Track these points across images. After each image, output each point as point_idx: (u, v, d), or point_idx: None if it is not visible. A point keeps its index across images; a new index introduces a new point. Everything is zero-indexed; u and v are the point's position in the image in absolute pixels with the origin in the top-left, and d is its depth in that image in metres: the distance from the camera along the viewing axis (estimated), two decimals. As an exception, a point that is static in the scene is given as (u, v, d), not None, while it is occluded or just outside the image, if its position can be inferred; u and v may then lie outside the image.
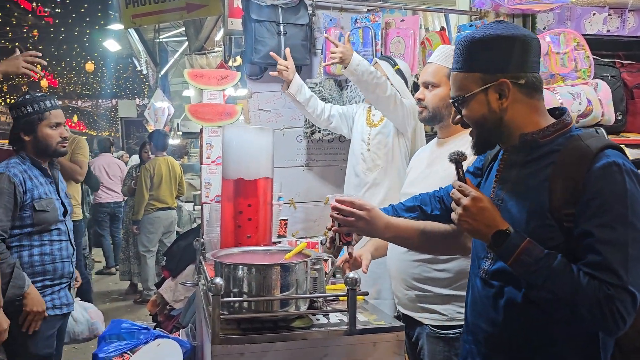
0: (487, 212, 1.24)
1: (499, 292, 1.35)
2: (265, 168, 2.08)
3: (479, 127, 1.36)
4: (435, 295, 1.85)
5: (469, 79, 1.34)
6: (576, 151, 1.25)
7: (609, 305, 1.14)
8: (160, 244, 5.97)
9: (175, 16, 5.31)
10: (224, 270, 1.66)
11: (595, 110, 2.80)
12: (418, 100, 2.00)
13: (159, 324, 3.45)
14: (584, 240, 1.19)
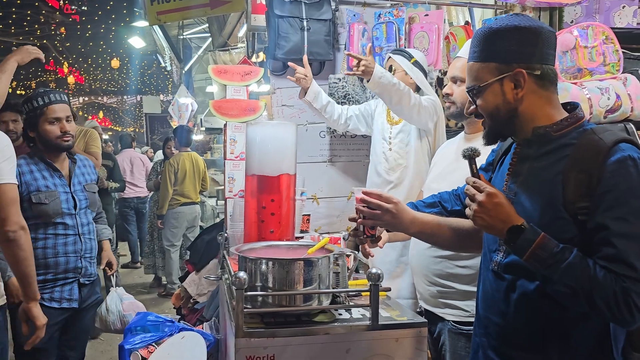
0: (502, 207, 1.25)
1: (511, 285, 1.35)
2: (288, 164, 2.09)
3: (493, 117, 1.37)
4: (457, 292, 1.84)
5: (484, 69, 1.34)
6: (590, 145, 1.25)
7: (625, 297, 1.14)
8: (184, 239, 6.04)
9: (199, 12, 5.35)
10: (247, 264, 1.68)
11: (624, 105, 2.74)
12: (446, 96, 1.98)
13: (183, 317, 3.49)
14: (598, 233, 1.19)
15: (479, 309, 1.50)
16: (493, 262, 1.40)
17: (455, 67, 1.98)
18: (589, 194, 1.20)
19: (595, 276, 1.16)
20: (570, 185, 1.23)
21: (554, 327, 1.29)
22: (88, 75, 19.02)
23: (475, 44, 1.36)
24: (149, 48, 12.48)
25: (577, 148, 1.26)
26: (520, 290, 1.33)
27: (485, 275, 1.45)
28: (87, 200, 2.65)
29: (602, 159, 1.20)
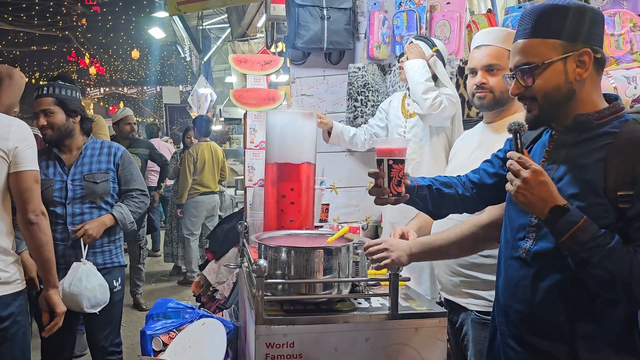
0: (546, 186, 1.22)
1: (540, 272, 1.33)
2: (308, 153, 2.09)
3: (550, 98, 1.31)
4: (481, 281, 1.83)
5: (548, 45, 1.29)
6: (635, 134, 1.24)
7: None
8: (203, 228, 6.09)
9: (218, 3, 5.38)
10: (267, 252, 1.69)
11: (651, 94, 2.68)
12: (480, 85, 1.91)
13: (203, 304, 3.53)
14: (639, 222, 1.19)
15: (499, 297, 1.48)
16: (521, 249, 1.38)
17: (489, 55, 1.89)
18: (632, 182, 1.20)
19: (636, 264, 1.16)
20: (613, 173, 1.22)
21: (582, 316, 1.28)
22: (109, 66, 19.22)
23: (533, 19, 1.30)
24: (169, 39, 12.55)
25: (620, 137, 1.25)
26: (549, 278, 1.31)
27: (509, 263, 1.43)
28: (82, 190, 2.61)
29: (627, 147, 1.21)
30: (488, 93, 1.89)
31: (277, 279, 1.66)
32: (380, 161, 1.49)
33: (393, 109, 2.75)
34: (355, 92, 2.93)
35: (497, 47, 1.89)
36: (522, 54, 1.32)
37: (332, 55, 3.07)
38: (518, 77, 1.33)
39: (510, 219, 1.46)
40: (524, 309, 1.38)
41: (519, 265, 1.39)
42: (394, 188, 1.48)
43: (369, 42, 2.92)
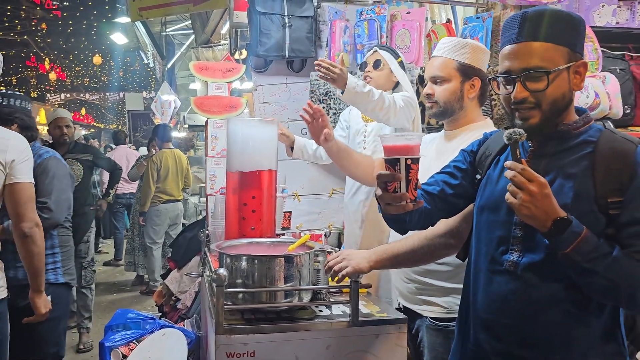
0: (550, 199, 1.20)
1: (531, 285, 1.32)
2: (269, 160, 2.09)
3: (554, 106, 1.29)
4: (436, 288, 1.85)
5: (557, 52, 1.27)
6: (616, 144, 1.28)
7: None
8: (167, 236, 6.01)
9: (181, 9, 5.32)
10: (227, 261, 1.68)
11: (602, 103, 2.78)
12: (427, 96, 1.94)
13: (165, 314, 3.47)
14: (633, 228, 1.22)
15: (479, 313, 1.43)
16: (507, 263, 1.35)
17: (434, 66, 1.93)
18: (621, 189, 1.23)
19: (637, 271, 1.19)
20: (601, 181, 1.25)
21: (574, 323, 1.30)
22: (70, 71, 18.81)
23: (539, 23, 1.27)
24: (132, 44, 12.37)
25: (601, 145, 1.28)
26: (541, 289, 1.31)
27: (491, 278, 1.39)
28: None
29: (631, 156, 1.24)
30: (434, 103, 1.93)
31: (238, 287, 1.65)
32: (395, 161, 1.29)
33: (353, 115, 2.76)
34: (317, 100, 2.94)
35: (444, 57, 1.91)
36: (532, 58, 1.27)
37: (294, 63, 3.07)
38: (526, 81, 1.28)
39: (484, 232, 1.43)
40: (513, 323, 1.35)
41: (506, 279, 1.35)
42: (412, 192, 1.30)
43: (331, 50, 2.95)
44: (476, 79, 1.92)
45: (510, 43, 1.30)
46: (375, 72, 2.56)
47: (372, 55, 2.58)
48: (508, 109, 1.34)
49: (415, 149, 1.28)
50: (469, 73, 1.91)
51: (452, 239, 1.66)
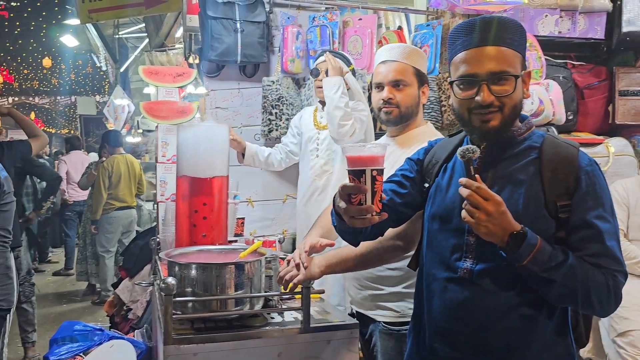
0: (506, 215, 1.20)
1: (486, 291, 1.32)
2: (220, 166, 2.06)
3: (514, 110, 1.31)
4: (389, 293, 1.86)
5: (517, 58, 1.31)
6: (560, 149, 1.31)
7: (615, 290, 1.23)
8: (120, 244, 5.85)
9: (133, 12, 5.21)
10: (176, 269, 1.65)
11: (546, 110, 2.88)
12: (388, 100, 1.91)
13: (116, 325, 3.39)
14: (583, 231, 1.25)
15: (435, 321, 1.42)
16: (461, 270, 1.35)
17: (396, 70, 1.91)
18: (568, 193, 1.27)
19: (591, 274, 1.22)
20: (549, 186, 1.28)
21: (530, 328, 1.31)
22: (18, 74, 18.14)
23: (503, 29, 1.29)
24: (83, 47, 12.03)
25: (545, 151, 1.31)
26: (496, 295, 1.31)
27: (445, 285, 1.38)
28: None
29: (576, 161, 1.28)
30: (395, 108, 1.91)
31: (188, 296, 1.62)
32: (360, 173, 1.23)
33: (305, 122, 2.76)
34: (270, 106, 2.93)
35: (403, 62, 1.91)
36: (499, 62, 1.28)
37: (246, 68, 3.06)
38: (492, 85, 1.29)
39: (437, 240, 1.42)
40: (468, 330, 1.35)
41: (461, 286, 1.35)
42: (378, 204, 1.24)
43: (283, 55, 2.94)
44: (426, 85, 1.96)
45: (471, 47, 1.30)
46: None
47: (324, 63, 2.56)
48: (465, 113, 1.33)
49: (380, 159, 1.24)
50: (423, 79, 1.95)
51: (399, 241, 1.67)
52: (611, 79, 3.30)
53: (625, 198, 2.86)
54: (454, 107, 1.38)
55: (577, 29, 3.21)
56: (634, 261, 2.77)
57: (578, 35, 3.23)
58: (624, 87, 3.26)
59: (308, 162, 2.71)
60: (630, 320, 2.65)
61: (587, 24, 3.24)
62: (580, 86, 3.29)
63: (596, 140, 3.17)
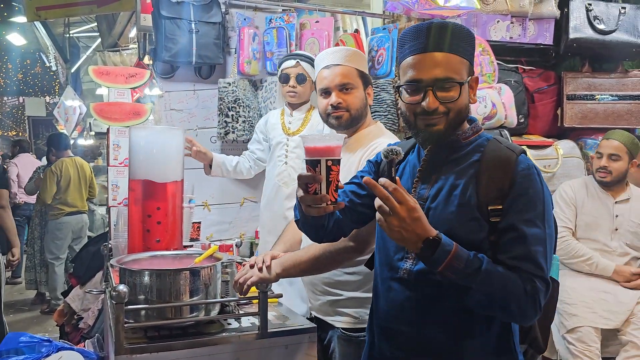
0: (421, 221, 1.19)
1: (424, 292, 1.34)
2: (175, 169, 2.03)
3: (459, 115, 1.33)
4: (347, 299, 1.85)
5: (463, 65, 1.32)
6: (499, 153, 1.32)
7: (534, 295, 1.21)
8: (70, 250, 5.67)
9: (84, 10, 5.08)
10: (128, 276, 1.61)
11: (499, 113, 2.95)
12: (337, 105, 1.88)
13: (66, 335, 3.28)
14: (509, 234, 1.25)
15: (381, 321, 1.44)
16: (402, 270, 1.36)
17: (342, 74, 1.90)
18: (501, 197, 1.26)
19: (508, 280, 1.21)
20: (484, 189, 1.28)
21: (466, 331, 1.32)
22: (-39, 73, 17.34)
23: (448, 35, 1.30)
24: (32, 46, 11.61)
25: (486, 155, 1.32)
26: (433, 297, 1.33)
27: (389, 285, 1.40)
28: None
29: (512, 166, 1.27)
30: (345, 112, 1.89)
31: (141, 304, 1.58)
32: (316, 162, 1.26)
33: (272, 127, 2.69)
34: (226, 108, 2.89)
35: (346, 66, 1.90)
36: (445, 68, 1.29)
37: (202, 69, 3.00)
38: (438, 91, 1.30)
39: (384, 240, 1.43)
40: (409, 330, 1.36)
41: (402, 286, 1.37)
42: (333, 194, 1.27)
43: (240, 57, 2.91)
44: (370, 86, 1.97)
45: (418, 52, 1.31)
46: (300, 87, 2.52)
47: (295, 68, 2.52)
48: (412, 117, 1.35)
49: (337, 150, 1.27)
50: (367, 81, 1.95)
51: (351, 242, 1.67)
52: (559, 83, 3.42)
53: (573, 198, 2.96)
54: (402, 110, 1.39)
55: (527, 34, 3.31)
56: (582, 259, 2.87)
57: (528, 40, 3.33)
58: (571, 91, 3.37)
59: (274, 167, 2.63)
60: (579, 317, 2.74)
61: (537, 30, 3.34)
62: (531, 90, 3.39)
63: (546, 142, 3.27)
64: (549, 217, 1.29)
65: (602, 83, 3.39)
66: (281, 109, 2.70)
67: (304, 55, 2.60)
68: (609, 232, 2.89)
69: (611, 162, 2.88)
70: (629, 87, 3.39)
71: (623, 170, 2.88)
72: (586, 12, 3.30)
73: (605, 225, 2.89)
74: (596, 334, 2.71)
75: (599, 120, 3.36)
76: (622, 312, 2.74)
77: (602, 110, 3.36)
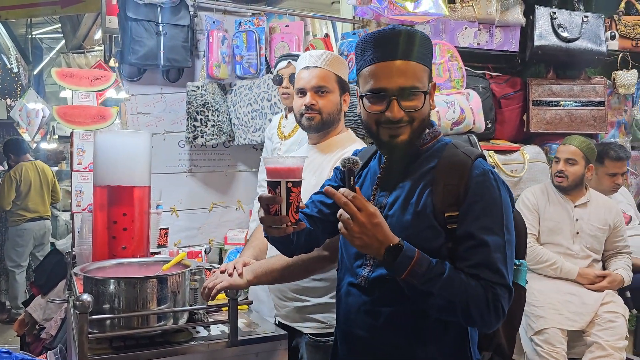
0: (381, 227, 1.20)
1: (379, 299, 1.34)
2: (141, 174, 1.99)
3: (422, 124, 1.33)
4: (314, 305, 1.84)
5: (426, 73, 1.32)
6: (455, 158, 1.31)
7: (495, 303, 1.21)
8: (33, 258, 5.51)
9: (47, 11, 4.95)
10: (93, 285, 1.57)
11: (467, 118, 2.99)
12: (310, 106, 1.88)
13: (27, 345, 3.18)
14: (467, 242, 1.24)
15: (341, 326, 1.46)
16: (359, 277, 1.37)
17: (318, 76, 1.89)
18: (457, 204, 1.25)
19: (469, 286, 1.20)
20: (439, 195, 1.27)
21: (420, 338, 1.31)
22: None
23: (410, 42, 1.29)
24: (-9, 47, 11.25)
25: (443, 161, 1.31)
26: (387, 304, 1.32)
27: (348, 290, 1.41)
28: None
29: (467, 172, 1.26)
30: (317, 114, 1.88)
31: (106, 313, 1.53)
32: (276, 184, 1.27)
33: (273, 132, 2.64)
34: (195, 112, 2.84)
35: (325, 69, 1.90)
36: (408, 77, 1.29)
37: (170, 72, 2.95)
38: (402, 100, 1.29)
39: (346, 246, 1.43)
40: (365, 335, 1.36)
41: (359, 292, 1.37)
42: (293, 215, 1.28)
43: (208, 60, 2.87)
44: (347, 93, 1.97)
45: (381, 60, 1.29)
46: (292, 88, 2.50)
47: (287, 68, 2.49)
48: (374, 126, 1.33)
49: (297, 171, 1.27)
50: (345, 87, 1.95)
51: (325, 251, 1.67)
52: (525, 89, 3.49)
53: (535, 204, 3.02)
54: (363, 119, 1.37)
55: (494, 41, 3.37)
56: (546, 264, 2.92)
57: (495, 47, 3.39)
58: (537, 97, 3.45)
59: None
60: (546, 319, 2.79)
61: (503, 37, 3.41)
62: (498, 96, 3.45)
63: (513, 147, 3.33)
64: (508, 223, 1.27)
65: (566, 89, 3.48)
66: (282, 114, 2.67)
67: (297, 55, 2.57)
68: (571, 235, 2.95)
69: (568, 167, 2.94)
70: (591, 93, 3.48)
71: (579, 175, 2.94)
72: (551, 20, 3.37)
73: (566, 229, 2.95)
74: (562, 335, 2.76)
75: (563, 125, 3.44)
76: (586, 314, 2.80)
77: (566, 116, 3.45)
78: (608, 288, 2.87)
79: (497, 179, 1.29)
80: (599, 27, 3.46)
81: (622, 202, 3.33)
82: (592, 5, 3.68)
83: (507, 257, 1.24)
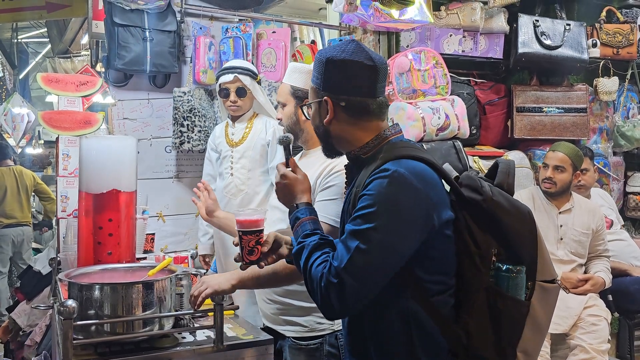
0: (288, 188, 1.44)
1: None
2: (127, 180, 1.98)
3: (316, 133, 1.52)
4: (297, 308, 1.85)
5: (312, 90, 1.48)
6: (377, 162, 1.35)
7: (323, 287, 1.23)
8: (14, 265, 5.43)
9: (33, 15, 4.93)
10: (78, 291, 1.57)
11: (452, 124, 3.01)
12: (279, 121, 2.02)
13: (11, 352, 3.15)
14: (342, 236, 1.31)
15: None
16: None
17: (279, 92, 2.01)
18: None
19: (313, 263, 1.28)
20: (353, 199, 1.35)
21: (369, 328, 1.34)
22: None
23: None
24: (-24, 51, 11.13)
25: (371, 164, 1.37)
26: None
27: None
28: None
29: (373, 170, 1.31)
30: (284, 127, 1.97)
31: (91, 319, 1.53)
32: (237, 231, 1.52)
33: (219, 141, 2.67)
34: (182, 117, 2.84)
35: (283, 83, 1.97)
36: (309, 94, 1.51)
37: (156, 78, 2.95)
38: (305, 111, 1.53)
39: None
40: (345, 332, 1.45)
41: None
42: (246, 257, 1.49)
43: (195, 66, 2.87)
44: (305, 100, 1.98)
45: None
46: (241, 101, 2.55)
47: (233, 82, 2.53)
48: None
49: (245, 223, 1.47)
50: (301, 97, 1.92)
51: None
52: (509, 96, 3.53)
53: None
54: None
55: (478, 48, 3.41)
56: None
57: (479, 54, 3.42)
58: (521, 103, 3.49)
59: (222, 180, 2.62)
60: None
61: (488, 44, 3.44)
62: (482, 102, 3.48)
63: (497, 153, 3.37)
64: (391, 224, 1.24)
65: (549, 96, 3.52)
66: (225, 122, 2.69)
67: (241, 67, 2.58)
68: (555, 241, 2.97)
69: (556, 174, 2.97)
70: (574, 100, 3.53)
71: (567, 182, 2.98)
72: (534, 28, 3.42)
73: (551, 235, 2.97)
74: (546, 338, 2.79)
75: (546, 132, 3.49)
76: (570, 317, 2.83)
77: (550, 122, 3.49)
78: (591, 291, 2.90)
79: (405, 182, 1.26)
80: (581, 35, 3.51)
81: (603, 205, 3.37)
82: (574, 14, 3.73)
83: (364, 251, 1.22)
